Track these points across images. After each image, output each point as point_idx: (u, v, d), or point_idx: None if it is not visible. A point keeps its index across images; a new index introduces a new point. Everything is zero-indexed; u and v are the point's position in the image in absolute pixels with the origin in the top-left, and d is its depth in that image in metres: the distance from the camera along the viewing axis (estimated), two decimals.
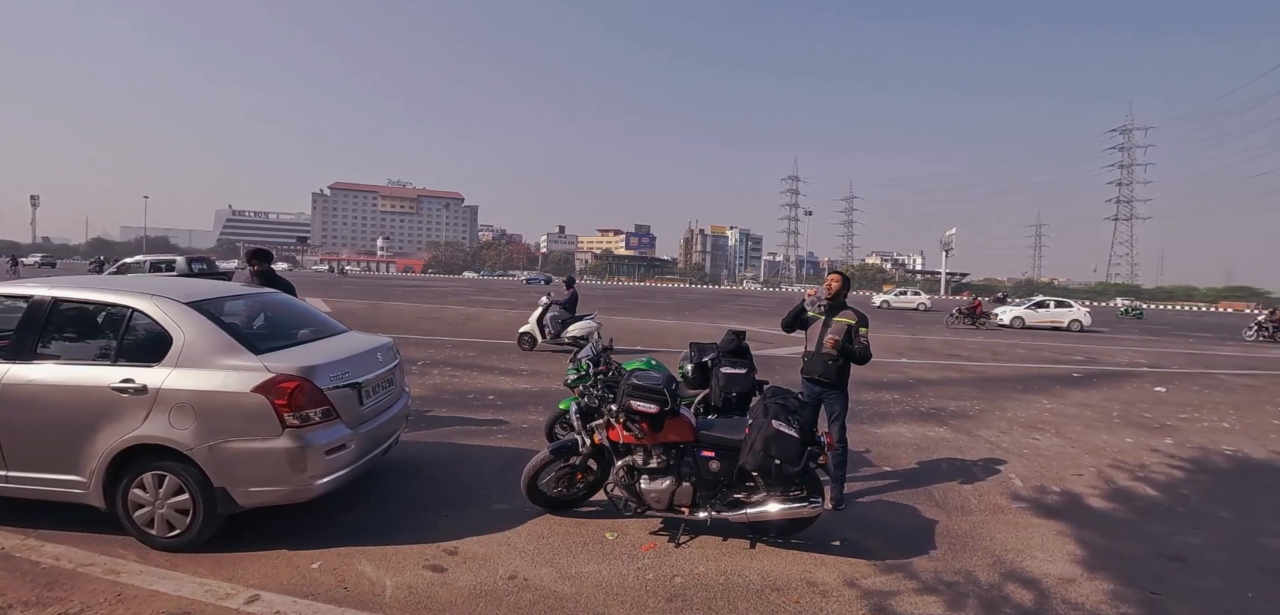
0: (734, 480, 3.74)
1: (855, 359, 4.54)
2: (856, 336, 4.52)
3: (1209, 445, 6.98)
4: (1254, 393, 11.05)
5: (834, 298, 4.63)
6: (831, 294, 4.63)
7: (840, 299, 4.64)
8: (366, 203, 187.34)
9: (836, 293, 4.61)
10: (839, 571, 3.57)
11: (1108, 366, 14.04)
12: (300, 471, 3.46)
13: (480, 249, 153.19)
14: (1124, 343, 21.07)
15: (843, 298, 4.65)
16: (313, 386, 3.51)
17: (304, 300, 5.16)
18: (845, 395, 4.66)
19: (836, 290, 4.62)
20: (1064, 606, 3.35)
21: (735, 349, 4.84)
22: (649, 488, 3.73)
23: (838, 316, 4.56)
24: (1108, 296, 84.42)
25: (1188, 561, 4.00)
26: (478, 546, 3.71)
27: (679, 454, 3.77)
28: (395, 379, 4.47)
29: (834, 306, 4.62)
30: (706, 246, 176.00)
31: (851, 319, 4.53)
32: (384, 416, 4.17)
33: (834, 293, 4.62)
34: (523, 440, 5.84)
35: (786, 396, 3.72)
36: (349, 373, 3.81)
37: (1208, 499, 5.22)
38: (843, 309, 4.60)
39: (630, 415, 3.66)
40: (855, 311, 4.59)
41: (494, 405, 7.30)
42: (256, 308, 4.32)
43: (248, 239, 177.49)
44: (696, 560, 3.63)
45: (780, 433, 3.42)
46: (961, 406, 8.58)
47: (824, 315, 4.60)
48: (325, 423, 3.57)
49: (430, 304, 25.63)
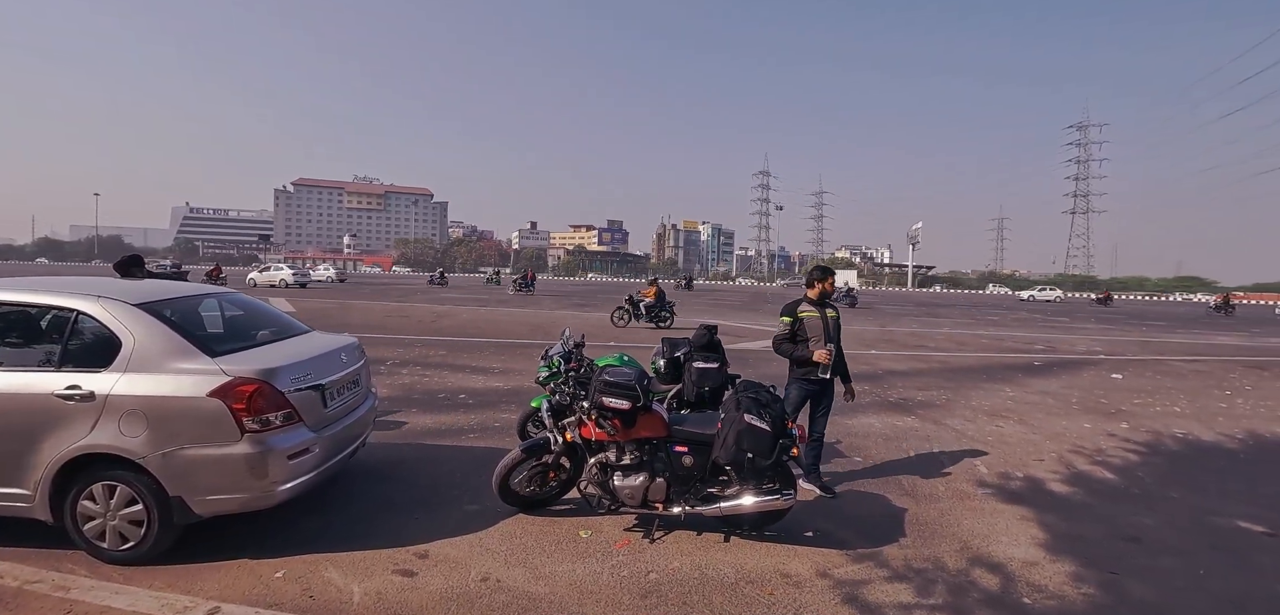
0: (707, 475, 3.75)
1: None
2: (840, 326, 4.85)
3: (1161, 429, 7.26)
4: (1203, 378, 11.54)
5: (831, 291, 4.80)
6: (822, 294, 4.73)
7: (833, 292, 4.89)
8: (332, 199, 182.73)
9: (825, 293, 4.75)
10: (812, 562, 3.61)
11: (1067, 355, 14.51)
12: (261, 477, 3.34)
13: (450, 246, 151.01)
14: (1082, 331, 21.81)
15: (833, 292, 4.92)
16: (273, 389, 3.40)
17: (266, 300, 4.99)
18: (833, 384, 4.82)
19: (825, 289, 4.75)
20: (1028, 589, 3.44)
21: (707, 344, 4.85)
22: (622, 484, 3.71)
23: (831, 310, 4.73)
24: (1066, 287, 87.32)
25: (1143, 541, 4.15)
26: (449, 549, 3.64)
27: (652, 450, 3.76)
28: (361, 380, 4.36)
29: (826, 301, 4.76)
30: (679, 242, 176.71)
31: (836, 312, 4.78)
32: (350, 418, 4.06)
33: (825, 292, 4.74)
34: (494, 439, 5.77)
35: (758, 390, 3.74)
36: (311, 374, 3.70)
37: (1160, 481, 5.43)
38: (829, 301, 4.79)
39: (602, 412, 3.63)
40: (835, 302, 4.88)
41: (465, 404, 7.19)
42: (214, 308, 4.16)
43: (207, 237, 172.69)
44: (671, 555, 3.63)
45: (752, 426, 3.43)
46: (929, 396, 8.77)
47: (817, 313, 4.65)
48: (287, 426, 3.45)
49: (400, 302, 25.17)
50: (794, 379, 4.66)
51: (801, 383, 4.59)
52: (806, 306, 4.66)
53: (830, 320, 4.63)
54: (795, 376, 4.64)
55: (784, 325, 4.65)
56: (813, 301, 4.67)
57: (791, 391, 4.61)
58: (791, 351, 4.59)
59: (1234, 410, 8.57)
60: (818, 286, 4.68)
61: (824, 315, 4.62)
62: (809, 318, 4.60)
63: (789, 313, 4.66)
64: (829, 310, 4.67)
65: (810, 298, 4.70)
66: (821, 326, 4.58)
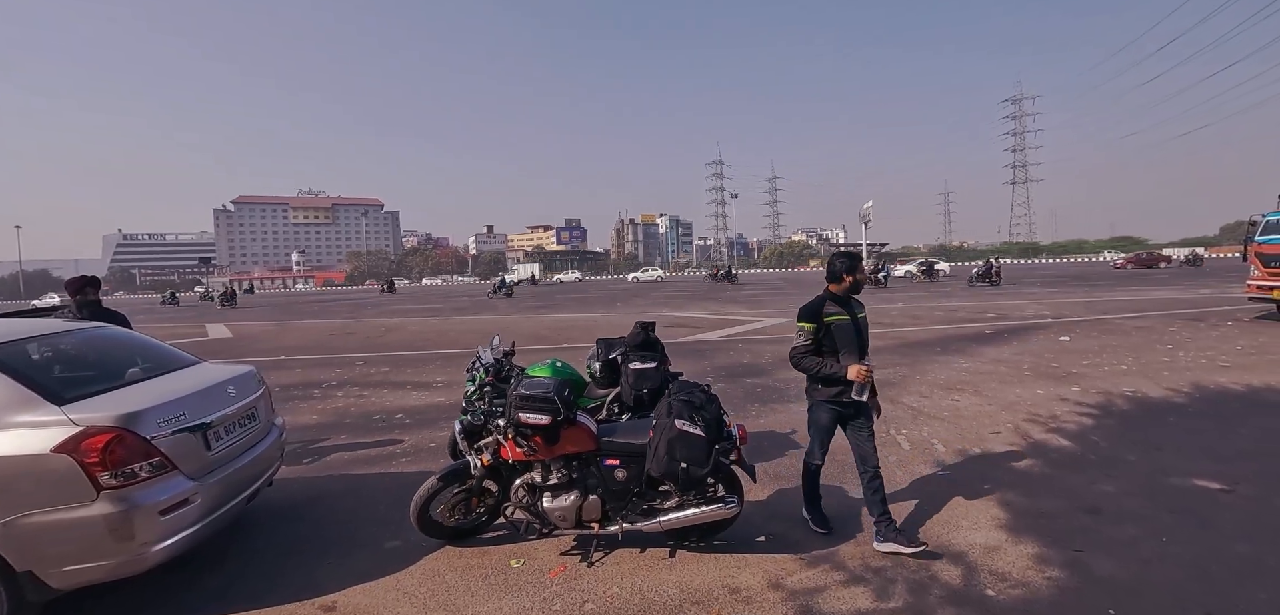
0: (645, 487, 3.42)
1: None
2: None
3: (1111, 389, 7.29)
4: (1145, 334, 11.85)
5: (861, 285, 3.79)
6: (855, 285, 3.75)
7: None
8: (276, 216, 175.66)
9: (856, 283, 3.75)
10: (763, 572, 3.32)
11: (1016, 320, 14.77)
12: (126, 540, 2.86)
13: (405, 255, 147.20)
14: (1029, 296, 22.42)
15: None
16: (134, 437, 2.91)
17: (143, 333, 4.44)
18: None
19: (858, 281, 3.75)
20: (991, 579, 3.23)
21: (643, 342, 4.51)
22: (552, 506, 3.35)
23: (859, 311, 3.77)
24: (1011, 254, 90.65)
25: (1104, 512, 4.01)
26: (361, 597, 3.22)
27: (582, 465, 3.41)
28: (259, 413, 3.88)
29: (850, 299, 3.78)
30: (638, 236, 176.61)
31: (863, 309, 3.87)
32: (244, 458, 3.59)
33: (858, 278, 3.74)
34: (425, 462, 5.32)
35: (691, 392, 3.42)
36: (188, 414, 3.22)
37: (1115, 443, 5.36)
38: (853, 299, 3.83)
39: (520, 429, 3.26)
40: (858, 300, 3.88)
41: (401, 425, 6.70)
42: (69, 346, 3.62)
43: (144, 263, 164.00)
44: (610, 579, 3.29)
45: (684, 433, 3.12)
46: (885, 374, 8.66)
47: (846, 314, 3.65)
48: (157, 477, 2.97)
49: (346, 319, 24.13)
50: (819, 400, 3.68)
51: (830, 404, 3.64)
52: (832, 308, 3.65)
53: (862, 324, 3.70)
54: (820, 396, 3.67)
55: (804, 334, 3.63)
56: (838, 299, 3.69)
57: (820, 415, 3.69)
58: (816, 367, 3.58)
59: (1177, 363, 8.73)
60: (847, 279, 3.66)
61: (855, 318, 3.65)
62: (837, 323, 3.59)
63: (810, 317, 3.62)
64: (860, 312, 3.74)
65: (834, 294, 3.70)
66: (853, 333, 3.60)
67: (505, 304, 30.31)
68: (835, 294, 3.70)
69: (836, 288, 3.71)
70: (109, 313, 4.76)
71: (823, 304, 3.66)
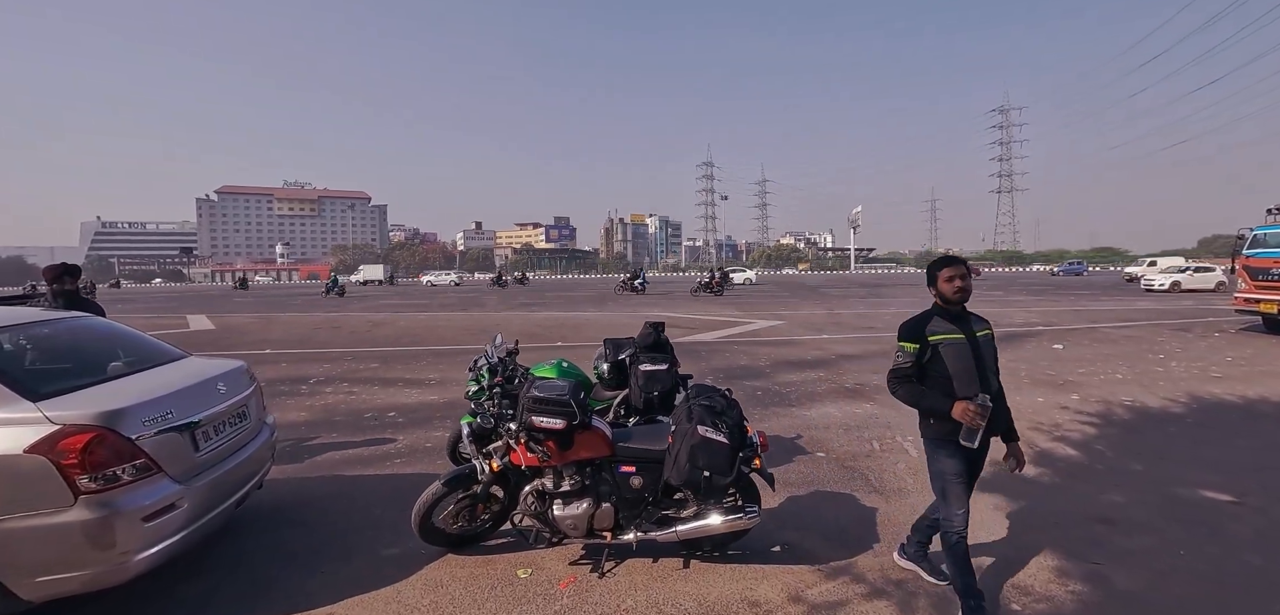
0: (660, 496, 3.27)
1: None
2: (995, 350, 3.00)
3: (1110, 398, 7.28)
4: (1136, 343, 11.93)
5: (968, 295, 2.87)
6: (965, 289, 2.85)
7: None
8: (260, 207, 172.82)
9: (965, 288, 2.85)
10: (782, 584, 3.20)
11: (1008, 327, 14.83)
12: (106, 548, 2.66)
13: (391, 250, 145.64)
14: (1017, 304, 22.60)
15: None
16: (117, 437, 2.72)
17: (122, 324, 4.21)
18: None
19: (968, 284, 2.87)
20: (1015, 593, 3.14)
21: (653, 343, 4.37)
22: (563, 514, 3.20)
23: (979, 327, 2.92)
24: (994, 262, 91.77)
25: (1117, 522, 3.95)
26: (360, 609, 3.04)
27: (595, 472, 3.25)
28: (249, 411, 3.68)
29: (963, 313, 2.92)
30: (627, 235, 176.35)
31: (989, 326, 2.99)
32: (234, 459, 3.39)
33: (964, 288, 2.85)
34: (423, 463, 5.14)
35: (712, 396, 3.28)
36: (174, 412, 3.02)
37: (1120, 452, 5.32)
38: (970, 313, 2.95)
39: (533, 434, 3.10)
40: (978, 314, 3.01)
41: (394, 424, 6.49)
42: (48, 337, 3.40)
43: (123, 252, 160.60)
44: (623, 591, 3.15)
45: (708, 440, 2.97)
46: (884, 379, 8.58)
47: (959, 332, 2.84)
48: (141, 480, 2.78)
49: (332, 313, 23.70)
50: (935, 438, 2.88)
51: (950, 448, 2.81)
52: (942, 324, 2.84)
53: (983, 345, 2.85)
54: (933, 432, 2.88)
55: (903, 355, 2.87)
56: (946, 313, 2.87)
57: (938, 461, 2.87)
58: (919, 398, 2.84)
59: (1171, 373, 8.77)
60: (955, 283, 2.81)
61: (972, 336, 2.83)
62: (947, 342, 2.79)
63: (911, 335, 2.85)
64: (980, 329, 2.89)
65: (945, 306, 2.87)
66: (970, 356, 2.78)
67: (493, 300, 29.96)
68: (947, 306, 2.87)
69: (934, 295, 2.92)
70: (87, 302, 4.53)
71: (928, 319, 2.88)
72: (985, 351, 2.84)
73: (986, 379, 2.79)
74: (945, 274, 2.86)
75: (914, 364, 2.86)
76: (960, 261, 2.91)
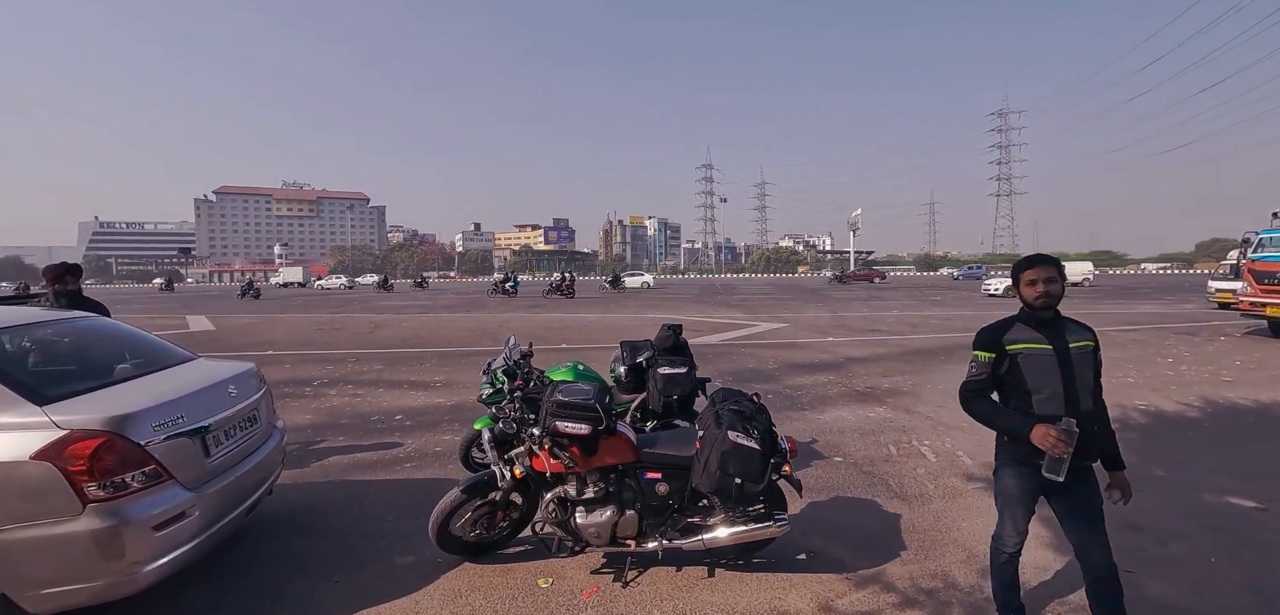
0: (686, 503, 3.18)
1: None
2: (1098, 366, 2.53)
3: (1124, 401, 7.21)
4: (1142, 347, 11.87)
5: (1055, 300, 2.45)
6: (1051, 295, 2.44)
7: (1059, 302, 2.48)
8: (259, 207, 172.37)
9: (1051, 293, 2.44)
10: (811, 593, 3.11)
11: None
12: (116, 559, 2.56)
13: (390, 251, 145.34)
14: (1015, 305, 22.51)
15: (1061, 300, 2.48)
16: (126, 442, 2.62)
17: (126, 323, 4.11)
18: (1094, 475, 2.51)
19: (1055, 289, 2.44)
20: (1051, 600, 3.05)
21: (672, 346, 4.27)
22: (586, 522, 3.10)
23: (1075, 338, 2.45)
24: (995, 265, 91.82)
25: (1145, 529, 3.87)
26: None
27: (619, 478, 3.16)
28: (260, 415, 3.58)
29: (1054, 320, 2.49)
30: (626, 237, 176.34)
31: (1091, 338, 2.49)
32: (245, 465, 3.29)
33: (1050, 292, 2.43)
34: (435, 468, 5.03)
35: (740, 400, 3.18)
36: (186, 417, 2.92)
37: (1140, 457, 5.24)
38: (1066, 321, 2.51)
39: (557, 439, 3.00)
40: (1078, 322, 2.54)
41: (402, 427, 6.39)
42: (52, 338, 3.30)
43: (121, 253, 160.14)
44: (648, 600, 3.05)
45: (739, 446, 2.87)
46: (895, 383, 8.52)
47: (1045, 343, 2.42)
48: (151, 488, 2.68)
49: (332, 313, 23.57)
50: (1006, 459, 2.56)
51: (1017, 468, 2.51)
52: (1024, 332, 2.46)
53: (1077, 358, 2.40)
54: (1008, 455, 2.55)
55: (977, 366, 2.51)
56: (1032, 319, 2.47)
57: (1004, 481, 2.57)
58: (994, 417, 2.49)
59: (1183, 378, 8.70)
60: (1038, 287, 2.42)
61: (1061, 348, 2.40)
62: (1029, 353, 2.42)
63: (988, 343, 2.49)
64: (1075, 339, 2.43)
65: (1031, 312, 2.47)
66: (1054, 370, 2.38)
67: (496, 302, 29.83)
68: (1027, 306, 2.48)
69: (1024, 297, 2.49)
70: (90, 302, 4.42)
71: (1009, 326, 2.51)
72: (1079, 366, 2.41)
73: (1076, 398, 2.38)
74: (1027, 276, 2.48)
75: (989, 376, 2.50)
76: (1049, 262, 2.48)
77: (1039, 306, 2.46)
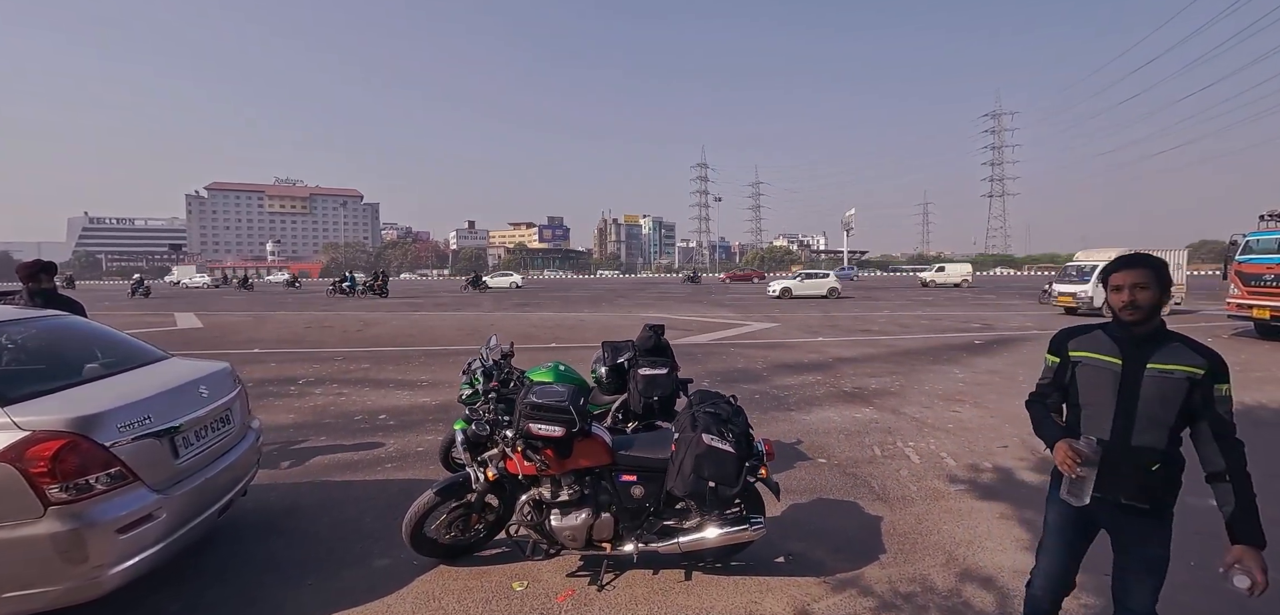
0: (662, 506, 3.15)
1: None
2: (1217, 401, 1.99)
3: None
4: None
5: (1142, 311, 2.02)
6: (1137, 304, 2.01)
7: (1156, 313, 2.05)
8: (251, 204, 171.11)
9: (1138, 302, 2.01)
10: (788, 597, 3.09)
11: (1003, 332, 14.83)
12: (79, 562, 2.51)
13: (384, 249, 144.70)
14: (1010, 308, 22.65)
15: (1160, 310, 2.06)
16: (90, 443, 2.57)
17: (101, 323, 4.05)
18: (1168, 528, 2.16)
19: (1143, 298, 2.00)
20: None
21: (653, 347, 4.24)
22: (561, 525, 3.07)
23: (1166, 360, 1.99)
24: (986, 266, 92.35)
25: None
26: None
27: (594, 480, 3.13)
28: (233, 415, 3.53)
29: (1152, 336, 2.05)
30: (621, 236, 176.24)
31: (1199, 365, 1.97)
32: (217, 466, 3.24)
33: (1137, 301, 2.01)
34: (415, 469, 4.99)
35: (717, 403, 3.16)
36: (153, 417, 2.87)
37: None
38: (1169, 339, 2.04)
39: (531, 441, 2.97)
40: (1192, 344, 2.03)
41: (385, 427, 6.34)
42: (19, 337, 3.24)
43: (111, 248, 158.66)
44: (624, 604, 3.03)
45: (713, 449, 2.85)
46: (883, 384, 8.52)
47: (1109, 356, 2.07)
48: (116, 489, 2.63)
49: (323, 312, 23.43)
50: (1054, 482, 2.27)
51: (1057, 495, 2.20)
52: (1097, 340, 2.13)
53: (1152, 380, 1.98)
54: (1055, 479, 2.26)
55: (1045, 370, 2.32)
56: (1116, 329, 2.11)
57: (1049, 508, 2.31)
58: (1036, 426, 2.28)
59: None
60: (1122, 294, 2.02)
61: (1131, 367, 2.02)
62: (1090, 364, 2.11)
63: (1056, 348, 2.26)
64: (1165, 361, 1.98)
65: (1115, 311, 2.08)
66: (1112, 390, 2.04)
67: (487, 301, 29.75)
68: (1115, 310, 2.08)
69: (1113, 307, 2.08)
70: (66, 300, 4.35)
71: (1083, 333, 2.20)
72: (1151, 391, 1.98)
73: (1129, 426, 2.00)
74: (1113, 280, 2.07)
75: (1052, 382, 2.26)
76: (1141, 263, 2.03)
77: (1127, 318, 2.04)
